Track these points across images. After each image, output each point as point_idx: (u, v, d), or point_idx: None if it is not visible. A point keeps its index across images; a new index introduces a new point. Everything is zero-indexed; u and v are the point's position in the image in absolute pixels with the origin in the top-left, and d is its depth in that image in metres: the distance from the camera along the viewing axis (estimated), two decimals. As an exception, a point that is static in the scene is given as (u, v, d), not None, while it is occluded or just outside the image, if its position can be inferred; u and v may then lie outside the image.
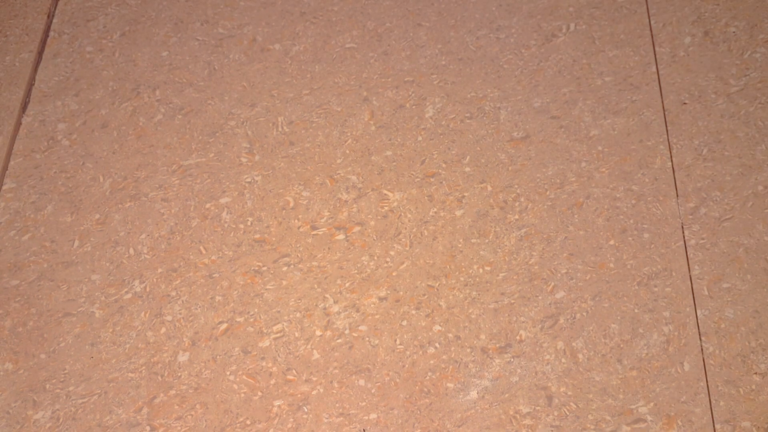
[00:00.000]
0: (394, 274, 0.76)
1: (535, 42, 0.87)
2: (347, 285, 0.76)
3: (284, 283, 0.77)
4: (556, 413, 0.69)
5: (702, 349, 0.71)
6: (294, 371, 0.72)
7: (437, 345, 0.72)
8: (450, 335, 0.73)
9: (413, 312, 0.74)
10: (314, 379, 0.71)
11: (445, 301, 0.74)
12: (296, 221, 0.80)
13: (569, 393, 0.70)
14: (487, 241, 0.77)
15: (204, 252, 0.78)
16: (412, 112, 0.84)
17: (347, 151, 0.83)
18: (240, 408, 0.71)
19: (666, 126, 0.81)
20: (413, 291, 0.75)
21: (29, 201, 0.83)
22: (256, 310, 0.75)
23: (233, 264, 0.78)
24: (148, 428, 0.71)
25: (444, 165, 0.82)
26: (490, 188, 0.79)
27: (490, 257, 0.76)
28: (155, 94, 0.87)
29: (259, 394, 0.72)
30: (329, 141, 0.84)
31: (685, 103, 0.81)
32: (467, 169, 0.81)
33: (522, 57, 0.86)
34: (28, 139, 0.86)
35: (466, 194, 0.80)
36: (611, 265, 0.75)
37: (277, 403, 0.71)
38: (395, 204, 0.80)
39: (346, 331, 0.73)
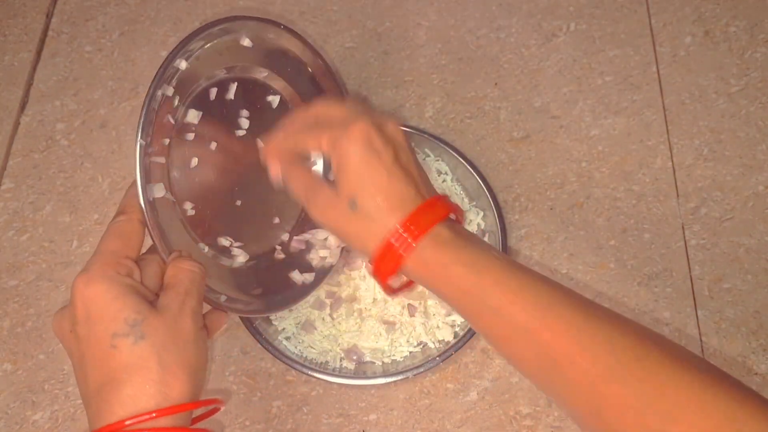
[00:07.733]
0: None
1: (536, 41, 0.87)
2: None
3: (284, 283, 0.76)
4: (556, 414, 0.69)
5: (702, 350, 0.71)
6: (293, 372, 0.72)
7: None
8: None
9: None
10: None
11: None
12: (296, 221, 0.79)
13: (569, 394, 0.70)
14: (487, 241, 0.77)
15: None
16: (412, 112, 0.83)
17: (347, 151, 0.83)
18: (239, 408, 0.71)
19: (666, 126, 0.81)
20: (413, 291, 0.74)
21: (28, 201, 0.82)
22: (255, 310, 0.75)
23: (232, 264, 0.77)
24: (147, 429, 0.70)
25: (444, 165, 0.81)
26: (490, 188, 0.79)
27: (490, 257, 0.76)
28: (154, 94, 0.87)
29: (258, 394, 0.72)
30: (329, 141, 0.84)
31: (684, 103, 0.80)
32: (467, 169, 0.80)
33: (522, 56, 0.86)
34: (26, 138, 0.86)
35: (466, 194, 0.80)
36: (611, 265, 0.75)
37: (276, 403, 0.71)
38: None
39: (346, 332, 0.73)
